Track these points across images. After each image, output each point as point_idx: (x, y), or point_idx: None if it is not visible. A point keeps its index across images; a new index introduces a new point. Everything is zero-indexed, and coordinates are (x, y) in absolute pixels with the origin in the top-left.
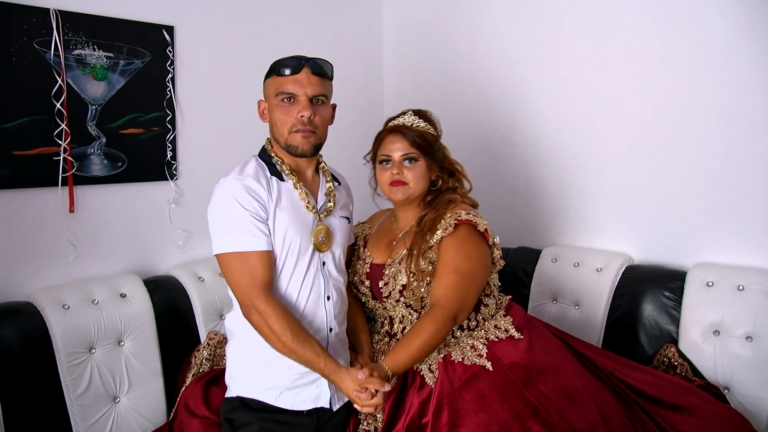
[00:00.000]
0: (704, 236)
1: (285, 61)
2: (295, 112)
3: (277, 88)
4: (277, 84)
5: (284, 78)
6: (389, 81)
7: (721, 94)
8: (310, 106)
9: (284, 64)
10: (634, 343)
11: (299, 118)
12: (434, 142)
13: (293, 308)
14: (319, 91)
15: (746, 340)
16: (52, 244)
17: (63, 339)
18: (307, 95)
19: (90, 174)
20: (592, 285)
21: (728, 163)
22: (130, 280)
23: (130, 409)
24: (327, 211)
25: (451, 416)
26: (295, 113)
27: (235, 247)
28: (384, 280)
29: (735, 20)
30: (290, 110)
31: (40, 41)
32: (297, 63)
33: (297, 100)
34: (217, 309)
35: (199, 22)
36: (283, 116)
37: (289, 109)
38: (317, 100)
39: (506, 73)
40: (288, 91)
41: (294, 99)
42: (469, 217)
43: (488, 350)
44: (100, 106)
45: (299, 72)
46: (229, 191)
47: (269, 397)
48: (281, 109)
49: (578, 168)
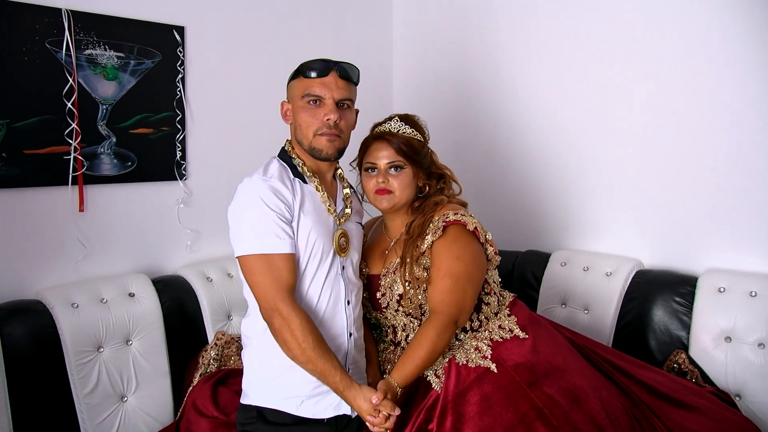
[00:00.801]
0: (715, 241)
1: (312, 63)
2: (321, 115)
3: (303, 90)
4: (303, 86)
5: (311, 80)
6: (398, 83)
7: (732, 99)
8: (337, 110)
9: (311, 67)
10: (644, 348)
11: (325, 122)
12: (421, 149)
13: (313, 313)
14: (345, 95)
15: (758, 347)
16: (61, 243)
17: (71, 338)
18: (334, 99)
19: (100, 173)
20: (602, 289)
21: (740, 168)
22: (138, 280)
23: (138, 408)
24: (345, 216)
25: (455, 420)
26: (321, 116)
27: (260, 248)
28: (381, 291)
29: (744, 22)
30: (316, 113)
31: (51, 41)
32: (325, 66)
33: (323, 103)
34: (225, 309)
35: (209, 22)
36: (308, 118)
37: (315, 112)
38: (343, 104)
39: (516, 76)
40: (315, 93)
41: (320, 102)
42: (457, 217)
43: (493, 351)
44: (111, 106)
45: (327, 75)
46: (254, 191)
47: (290, 406)
48: (307, 111)
49: (589, 172)
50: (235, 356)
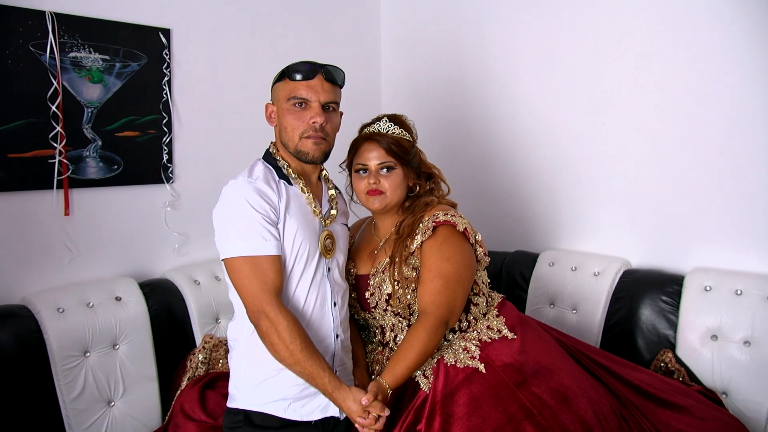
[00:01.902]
0: (702, 241)
1: (298, 66)
2: (307, 118)
3: (289, 92)
4: (289, 88)
5: (297, 83)
6: (387, 85)
7: (720, 98)
8: (323, 113)
9: (297, 69)
10: (632, 347)
11: (311, 124)
12: (410, 149)
13: (300, 315)
14: (331, 98)
15: (744, 345)
16: (47, 247)
17: (57, 342)
18: (320, 102)
19: (85, 177)
20: (590, 289)
21: (727, 168)
22: (125, 284)
23: (125, 413)
24: (331, 217)
25: (443, 421)
26: (307, 119)
27: (246, 251)
28: (370, 291)
29: (735, 22)
30: (302, 116)
31: (35, 44)
32: (311, 68)
33: (309, 106)
34: (212, 312)
35: (195, 25)
36: (294, 121)
37: (301, 115)
38: (329, 107)
39: (505, 77)
40: (301, 96)
41: (306, 105)
42: (447, 218)
43: (481, 352)
44: (96, 109)
45: (313, 78)
46: (240, 193)
47: (277, 408)
48: (293, 114)
49: (576, 172)
50: (223, 359)
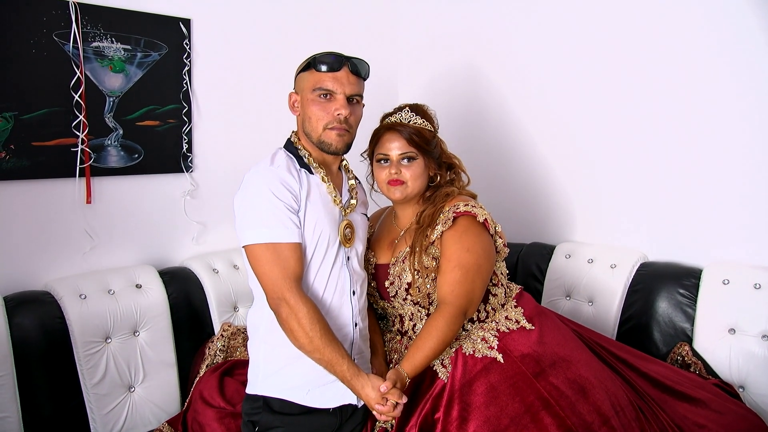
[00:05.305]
0: (720, 234)
1: (324, 57)
2: (332, 110)
3: (314, 83)
4: (315, 79)
5: (323, 74)
6: (403, 78)
7: (736, 91)
8: (347, 105)
9: (323, 61)
10: (648, 340)
11: (336, 116)
12: (431, 139)
13: (319, 303)
14: (356, 90)
15: (762, 339)
16: (69, 235)
17: (80, 328)
18: (345, 94)
19: (107, 165)
20: (606, 282)
21: (744, 160)
22: (145, 271)
23: (145, 398)
24: (351, 207)
25: (461, 410)
26: (332, 110)
27: (268, 238)
28: (390, 280)
29: (747, 17)
30: (327, 107)
31: (59, 33)
32: (337, 60)
33: (334, 98)
34: (231, 301)
35: (215, 15)
36: (319, 112)
37: (325, 106)
38: (353, 99)
39: (523, 69)
40: (327, 87)
41: (331, 96)
42: (468, 209)
43: (499, 342)
44: (118, 98)
45: (339, 70)
46: (262, 181)
47: (296, 395)
48: (318, 104)
49: (592, 164)
50: (241, 347)
